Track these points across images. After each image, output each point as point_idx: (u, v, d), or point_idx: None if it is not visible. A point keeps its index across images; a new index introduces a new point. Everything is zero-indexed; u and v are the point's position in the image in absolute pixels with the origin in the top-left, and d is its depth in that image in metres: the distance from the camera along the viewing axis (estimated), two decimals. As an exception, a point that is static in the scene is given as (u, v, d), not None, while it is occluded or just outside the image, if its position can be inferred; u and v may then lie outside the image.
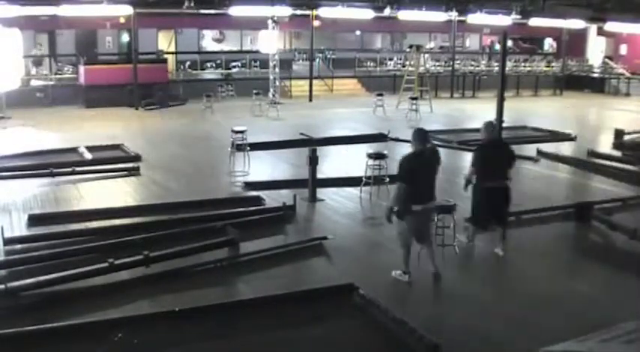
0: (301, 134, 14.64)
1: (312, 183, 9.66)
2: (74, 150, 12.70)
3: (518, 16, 25.60)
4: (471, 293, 6.51)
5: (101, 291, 6.22)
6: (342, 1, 22.55)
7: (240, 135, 11.69)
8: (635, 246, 7.81)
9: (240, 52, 29.00)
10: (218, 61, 27.40)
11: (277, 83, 22.64)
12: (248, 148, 11.68)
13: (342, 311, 5.94)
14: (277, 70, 22.51)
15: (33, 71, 22.78)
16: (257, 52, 25.10)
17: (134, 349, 5.18)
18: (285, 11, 22.36)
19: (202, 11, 22.10)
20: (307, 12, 22.89)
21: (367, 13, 23.91)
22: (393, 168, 7.86)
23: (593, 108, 24.18)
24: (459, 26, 26.71)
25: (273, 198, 9.39)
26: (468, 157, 13.50)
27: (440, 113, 20.51)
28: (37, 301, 5.95)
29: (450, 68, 26.65)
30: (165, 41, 26.81)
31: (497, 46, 30.75)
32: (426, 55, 26.91)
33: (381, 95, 20.00)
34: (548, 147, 13.77)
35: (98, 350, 5.08)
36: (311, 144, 11.44)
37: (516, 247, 8.15)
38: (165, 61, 23.35)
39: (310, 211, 9.17)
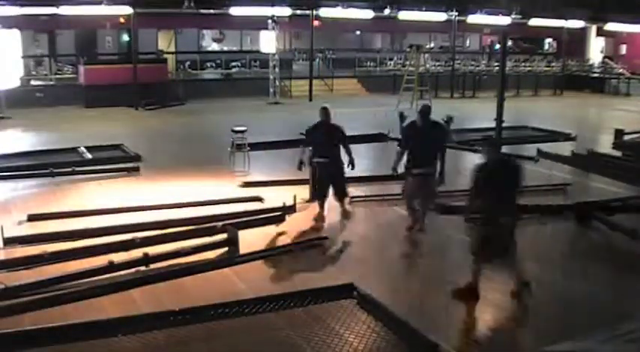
0: (301, 134, 14.62)
1: (313, 183, 9.65)
2: (74, 150, 12.70)
3: (519, 16, 25.65)
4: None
5: (101, 291, 6.22)
6: (342, 1, 22.58)
7: (240, 135, 11.69)
8: (635, 246, 7.81)
9: (240, 52, 29.00)
10: (218, 61, 27.40)
11: (277, 83, 22.65)
12: (248, 148, 11.68)
13: (342, 311, 5.93)
14: (277, 70, 22.51)
15: (33, 72, 22.81)
16: (257, 52, 25.09)
17: (134, 349, 5.18)
18: (285, 11, 22.37)
19: (202, 11, 22.11)
20: (307, 12, 22.89)
21: (367, 13, 23.92)
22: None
23: (593, 108, 24.17)
24: (459, 26, 26.69)
25: (273, 198, 9.39)
26: (468, 157, 13.60)
27: (440, 113, 20.44)
28: (37, 301, 5.94)
29: (450, 68, 26.64)
30: (165, 41, 26.81)
31: (498, 46, 30.75)
32: (426, 55, 26.89)
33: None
34: (548, 147, 13.78)
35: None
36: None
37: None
38: (165, 60, 23.35)
39: (310, 211, 9.17)
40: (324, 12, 23.17)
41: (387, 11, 23.70)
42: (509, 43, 30.07)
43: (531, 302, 6.30)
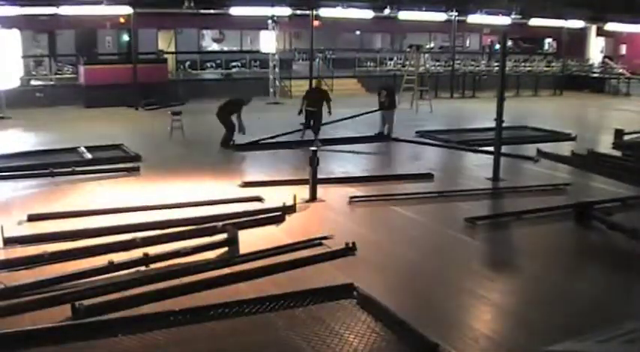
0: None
1: (313, 183, 9.67)
2: (74, 150, 12.70)
3: (519, 16, 25.66)
4: (471, 293, 6.51)
5: (101, 291, 6.21)
6: (342, 1, 22.58)
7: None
8: (635, 246, 7.81)
9: (240, 52, 29.02)
10: (218, 61, 27.40)
11: (277, 83, 22.65)
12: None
13: (342, 311, 5.93)
14: (277, 70, 22.52)
15: (33, 72, 22.80)
16: (257, 52, 25.09)
17: (134, 349, 5.18)
18: (285, 11, 22.38)
19: (202, 11, 22.11)
20: (307, 12, 22.90)
21: (367, 13, 23.92)
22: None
23: (593, 108, 24.18)
24: (459, 26, 26.70)
25: (273, 198, 9.39)
26: (468, 157, 13.61)
27: (440, 113, 20.51)
28: (37, 301, 5.94)
29: (450, 68, 26.65)
30: (165, 41, 26.81)
31: (497, 46, 30.75)
32: (426, 55, 26.90)
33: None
34: (548, 147, 13.78)
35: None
36: (311, 144, 11.47)
37: (516, 247, 8.17)
38: (165, 61, 23.35)
39: (310, 211, 9.17)
40: (324, 12, 23.17)
41: (387, 11, 23.71)
42: (509, 43, 30.07)
43: (531, 301, 6.31)
